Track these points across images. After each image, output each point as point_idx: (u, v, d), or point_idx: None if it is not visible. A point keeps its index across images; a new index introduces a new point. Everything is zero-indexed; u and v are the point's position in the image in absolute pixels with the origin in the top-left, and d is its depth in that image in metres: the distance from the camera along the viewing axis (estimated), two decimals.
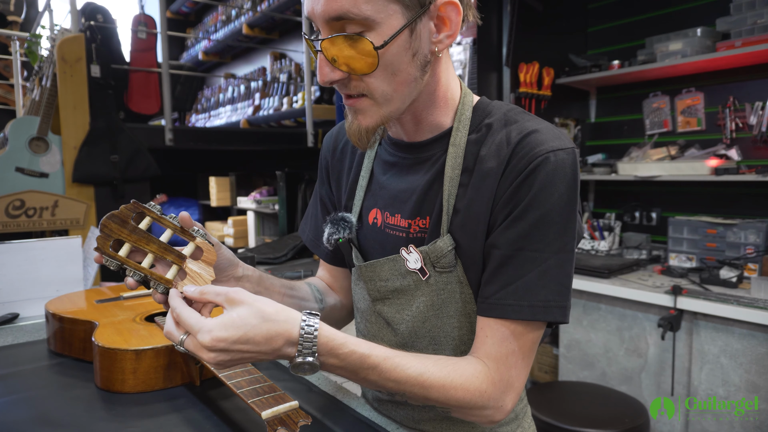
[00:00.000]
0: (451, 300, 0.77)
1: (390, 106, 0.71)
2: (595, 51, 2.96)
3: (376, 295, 0.83)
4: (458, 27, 0.69)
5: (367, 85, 0.68)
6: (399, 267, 0.79)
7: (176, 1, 6.53)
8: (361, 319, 0.89)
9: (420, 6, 0.65)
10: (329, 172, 0.96)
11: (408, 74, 0.69)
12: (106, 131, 2.83)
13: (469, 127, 0.77)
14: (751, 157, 2.37)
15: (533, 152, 0.69)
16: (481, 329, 0.72)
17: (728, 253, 2.23)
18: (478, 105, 0.79)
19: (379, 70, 0.67)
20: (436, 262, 0.75)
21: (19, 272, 1.31)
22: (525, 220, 0.68)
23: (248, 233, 4.61)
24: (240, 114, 4.72)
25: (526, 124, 0.73)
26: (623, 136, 2.89)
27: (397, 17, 0.64)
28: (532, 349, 0.72)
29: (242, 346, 0.60)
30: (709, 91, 2.51)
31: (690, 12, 2.56)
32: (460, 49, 2.58)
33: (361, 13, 0.62)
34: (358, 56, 0.65)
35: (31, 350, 1.05)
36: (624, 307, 2.17)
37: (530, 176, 0.68)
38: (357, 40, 0.64)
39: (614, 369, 2.21)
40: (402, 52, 0.67)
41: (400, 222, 0.81)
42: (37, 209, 2.65)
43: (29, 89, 3.53)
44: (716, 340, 1.91)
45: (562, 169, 0.68)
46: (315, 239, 0.96)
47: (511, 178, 0.70)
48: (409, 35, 0.66)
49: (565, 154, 0.69)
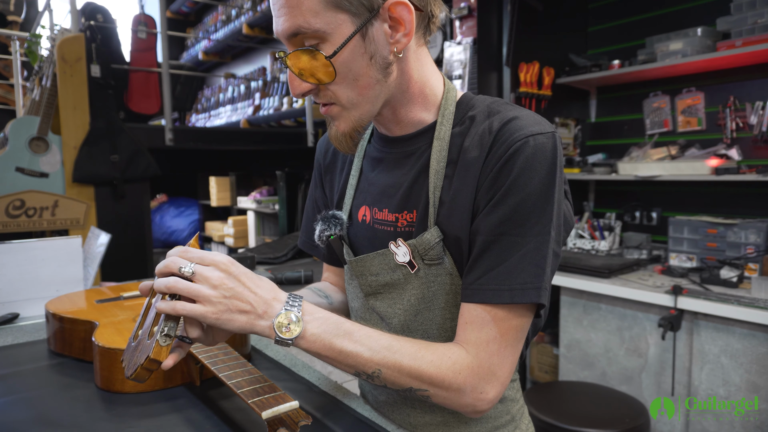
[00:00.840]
0: (441, 292, 0.78)
1: (359, 110, 0.73)
2: (596, 51, 2.96)
3: (368, 290, 0.84)
4: (413, 25, 0.70)
5: (333, 93, 0.72)
6: (388, 261, 0.80)
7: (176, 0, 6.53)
8: (355, 317, 0.90)
9: (368, 11, 0.68)
10: (322, 176, 0.97)
11: (369, 77, 0.71)
12: (106, 131, 2.83)
13: (452, 121, 0.78)
14: (751, 157, 2.37)
15: (512, 137, 0.70)
16: (461, 315, 0.73)
17: (729, 252, 2.23)
18: (462, 99, 0.80)
19: (339, 78, 0.70)
20: (424, 254, 0.76)
21: (20, 272, 1.31)
22: (505, 204, 0.69)
23: (248, 233, 4.61)
24: (240, 114, 4.72)
25: (507, 113, 0.74)
26: (623, 136, 2.89)
27: (346, 26, 0.68)
28: (516, 338, 0.72)
29: (246, 280, 0.66)
30: (709, 91, 2.51)
31: (690, 12, 2.56)
32: (460, 48, 2.58)
33: (311, 27, 0.67)
34: (318, 67, 0.69)
35: (31, 350, 1.05)
36: (624, 307, 2.17)
37: (510, 161, 0.69)
38: (313, 52, 0.68)
39: (614, 369, 2.21)
40: (357, 58, 0.69)
41: (388, 216, 0.82)
42: (37, 209, 2.65)
43: (29, 89, 3.53)
44: (717, 340, 1.90)
45: (541, 153, 0.69)
46: (311, 240, 0.97)
47: (492, 164, 0.71)
48: (362, 40, 0.69)
49: (544, 138, 0.70)
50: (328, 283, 1.03)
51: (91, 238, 1.72)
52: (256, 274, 0.69)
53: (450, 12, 2.64)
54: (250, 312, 0.65)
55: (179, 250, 0.68)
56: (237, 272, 0.66)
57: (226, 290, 0.64)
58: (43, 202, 2.66)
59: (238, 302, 0.65)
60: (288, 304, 0.67)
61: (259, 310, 0.65)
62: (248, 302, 0.65)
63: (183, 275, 0.65)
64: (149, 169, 3.00)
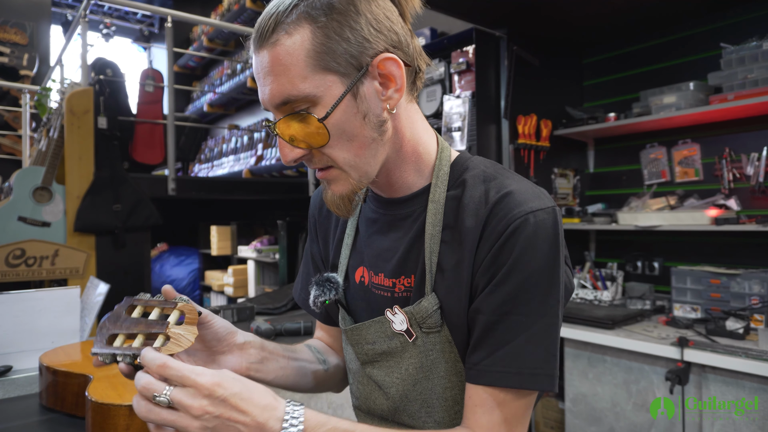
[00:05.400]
0: (440, 360, 0.74)
1: (357, 171, 0.71)
2: (591, 104, 3.03)
3: (365, 358, 0.81)
4: (403, 80, 0.69)
5: (329, 156, 0.70)
6: (385, 329, 0.77)
7: (183, 56, 6.75)
8: (354, 380, 0.87)
9: (357, 70, 0.67)
10: (317, 230, 0.95)
11: (364, 137, 0.69)
12: (109, 181, 2.86)
13: (447, 183, 0.76)
14: (750, 207, 2.38)
15: (511, 214, 0.68)
16: (469, 397, 0.70)
17: (733, 303, 2.20)
18: (456, 161, 0.79)
19: (333, 140, 0.68)
20: (422, 322, 0.74)
21: (15, 323, 1.29)
22: (508, 284, 0.67)
23: (248, 282, 4.58)
24: (242, 164, 4.79)
25: (504, 182, 0.72)
26: (622, 186, 2.91)
27: (336, 86, 0.66)
28: (524, 415, 0.70)
29: (238, 402, 0.58)
30: (704, 143, 2.55)
31: (681, 67, 2.64)
32: (459, 102, 2.64)
33: (301, 92, 0.65)
34: (310, 131, 0.67)
35: (22, 405, 1.02)
36: (630, 360, 2.12)
37: (510, 239, 0.67)
38: (304, 116, 0.66)
39: (622, 424, 2.14)
40: (350, 118, 0.68)
41: (384, 281, 0.79)
42: (37, 258, 2.64)
43: (36, 140, 3.60)
44: (726, 394, 1.85)
45: (543, 230, 0.67)
46: (307, 299, 0.94)
47: (490, 241, 0.68)
48: (354, 100, 0.67)
49: (545, 214, 0.68)
50: (322, 342, 1.00)
51: (89, 288, 1.71)
52: (247, 387, 0.60)
53: (449, 67, 2.72)
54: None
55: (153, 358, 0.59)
56: (224, 395, 0.58)
57: (209, 420, 0.57)
58: (44, 251, 2.66)
59: (230, 425, 0.58)
60: (287, 423, 0.60)
61: (252, 429, 0.58)
62: (238, 430, 0.58)
63: (159, 404, 0.57)
64: (151, 218, 3.01)
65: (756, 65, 2.16)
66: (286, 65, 0.65)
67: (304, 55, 0.65)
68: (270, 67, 0.66)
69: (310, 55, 0.65)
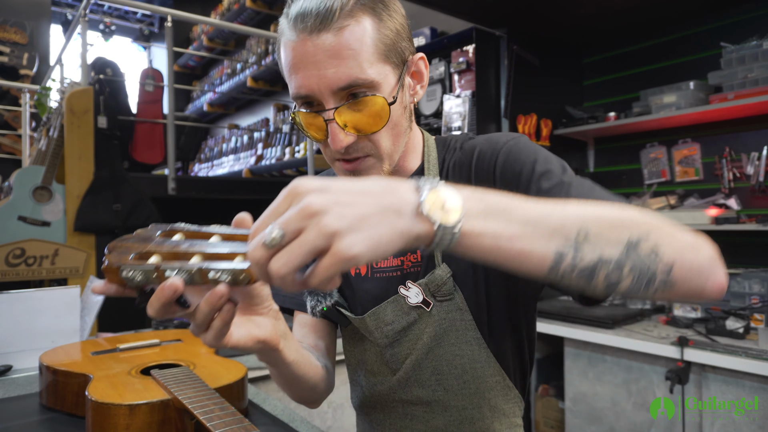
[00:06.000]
0: (451, 329, 0.78)
1: (390, 160, 0.75)
2: (591, 103, 3.03)
3: (385, 341, 0.82)
4: (427, 78, 0.78)
5: (374, 144, 0.72)
6: (401, 306, 0.79)
7: (183, 55, 6.74)
8: (366, 372, 0.87)
9: (403, 63, 0.73)
10: None
11: (402, 126, 0.75)
12: (109, 180, 2.86)
13: (438, 165, 0.83)
14: (750, 207, 2.38)
15: (495, 147, 0.76)
16: None
17: (733, 302, 2.20)
18: (438, 143, 0.86)
19: (386, 126, 0.72)
20: (436, 291, 0.77)
21: (15, 323, 1.29)
22: (524, 175, 0.71)
23: None
24: (243, 163, 4.79)
25: (478, 138, 0.81)
26: (622, 186, 2.91)
27: (391, 76, 0.71)
28: None
29: (366, 184, 0.45)
30: (705, 142, 2.55)
31: (681, 66, 2.64)
32: (459, 101, 2.64)
33: (368, 77, 0.68)
34: (367, 116, 0.69)
35: (21, 405, 1.02)
36: (630, 359, 2.12)
37: (506, 159, 0.73)
38: (370, 100, 0.68)
39: (622, 424, 2.14)
40: (398, 107, 0.73)
41: (392, 262, 0.81)
42: (37, 258, 2.64)
43: (36, 139, 3.60)
44: (726, 393, 1.85)
45: (524, 141, 0.75)
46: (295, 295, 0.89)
47: (487, 171, 0.75)
48: (402, 90, 0.73)
49: (518, 138, 0.76)
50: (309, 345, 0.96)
51: (89, 287, 1.71)
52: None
53: (449, 66, 2.72)
54: (375, 210, 0.43)
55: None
56: (328, 185, 0.45)
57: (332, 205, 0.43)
58: (44, 250, 2.65)
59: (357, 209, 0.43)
60: (422, 180, 0.46)
61: (390, 202, 0.44)
62: (367, 207, 0.43)
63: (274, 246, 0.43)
64: (151, 218, 3.01)
65: (756, 64, 2.16)
66: (356, 50, 0.67)
67: (371, 42, 0.68)
68: (336, 50, 0.66)
69: (375, 44, 0.68)
